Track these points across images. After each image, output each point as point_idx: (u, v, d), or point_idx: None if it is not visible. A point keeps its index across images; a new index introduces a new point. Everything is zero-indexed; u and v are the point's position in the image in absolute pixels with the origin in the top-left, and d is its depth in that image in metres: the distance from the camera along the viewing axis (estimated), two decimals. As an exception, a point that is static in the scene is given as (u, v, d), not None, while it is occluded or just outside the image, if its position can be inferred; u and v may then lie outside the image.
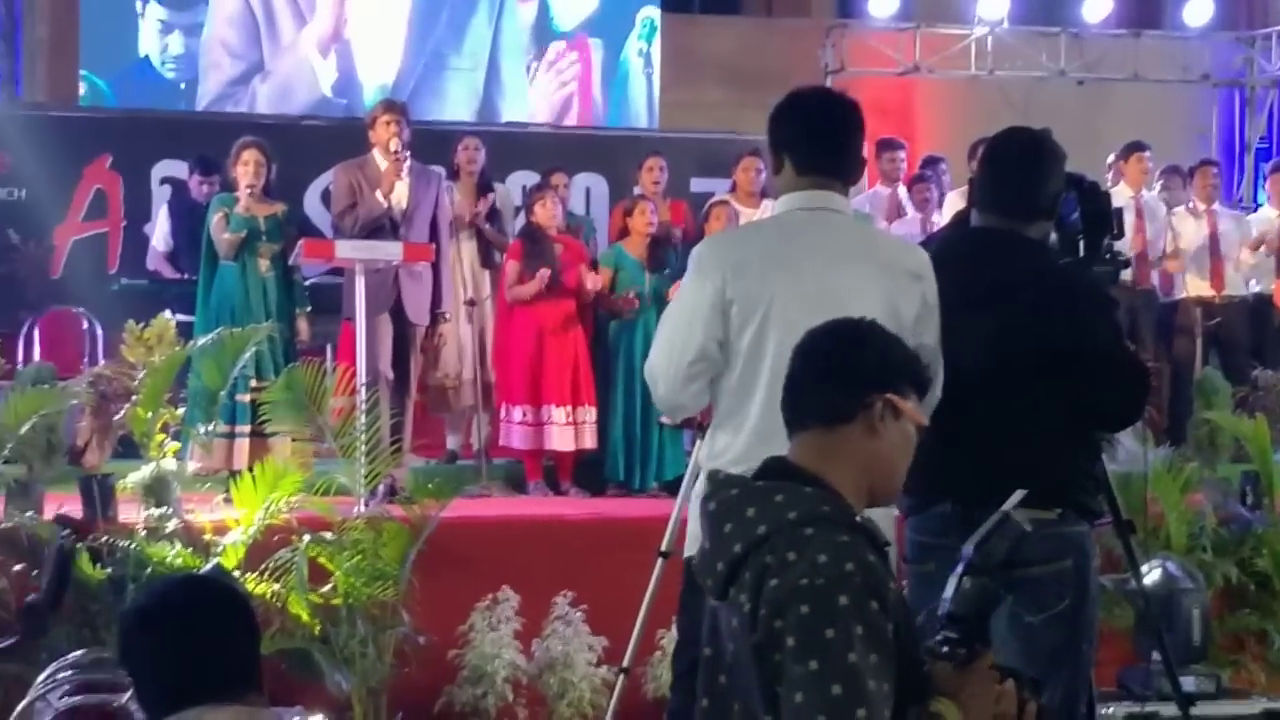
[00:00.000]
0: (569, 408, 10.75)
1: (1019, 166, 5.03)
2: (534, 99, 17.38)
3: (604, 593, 8.36)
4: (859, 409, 3.24)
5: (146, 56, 16.55)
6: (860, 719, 2.91)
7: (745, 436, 4.66)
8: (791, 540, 3.03)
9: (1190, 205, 13.37)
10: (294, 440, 9.75)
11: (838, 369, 3.28)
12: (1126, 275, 7.90)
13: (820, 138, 4.77)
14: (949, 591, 3.28)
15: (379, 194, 10.13)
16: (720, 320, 4.68)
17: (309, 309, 10.48)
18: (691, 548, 4.78)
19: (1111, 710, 8.09)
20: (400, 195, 10.24)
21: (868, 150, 8.00)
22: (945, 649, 3.19)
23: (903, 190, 13.38)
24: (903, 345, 3.40)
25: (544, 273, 10.77)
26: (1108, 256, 5.32)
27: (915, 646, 3.15)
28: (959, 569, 3.28)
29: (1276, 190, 13.59)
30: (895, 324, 4.60)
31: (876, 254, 4.73)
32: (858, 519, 3.13)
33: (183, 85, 16.62)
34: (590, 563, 8.71)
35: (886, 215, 13.11)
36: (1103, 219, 5.27)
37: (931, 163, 13.74)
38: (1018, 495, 3.38)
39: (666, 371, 4.77)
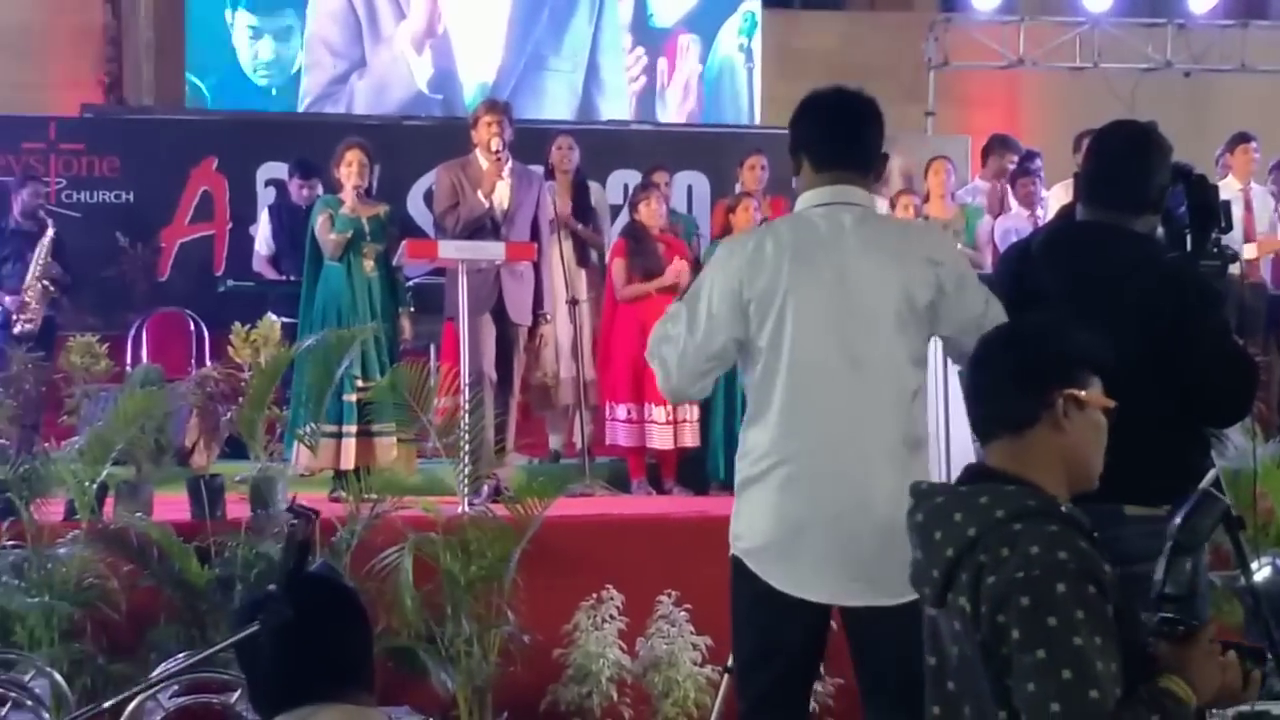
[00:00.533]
0: (670, 406, 10.73)
1: (1125, 160, 4.98)
2: (633, 96, 17.37)
3: (708, 592, 8.29)
4: (1041, 410, 3.26)
5: (239, 62, 16.66)
6: (1093, 700, 2.97)
7: (771, 431, 4.72)
8: (1002, 537, 3.09)
9: (1301, 197, 13.21)
10: (399, 440, 9.80)
11: (1012, 375, 3.31)
12: (1235, 269, 7.81)
13: (833, 133, 4.81)
14: (1159, 573, 3.37)
15: (480, 194, 10.15)
16: (740, 320, 4.73)
17: (412, 308, 10.53)
18: (736, 544, 4.80)
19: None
20: (502, 195, 10.26)
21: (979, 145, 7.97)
22: (1165, 628, 3.22)
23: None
24: (1072, 334, 3.40)
25: (680, 264, 10.79)
26: (1215, 250, 5.25)
27: (1136, 628, 3.18)
28: (1166, 549, 3.32)
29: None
30: (910, 310, 4.61)
31: (891, 242, 4.73)
32: (1063, 509, 3.15)
33: (274, 91, 16.71)
34: (694, 561, 8.66)
35: (990, 209, 13.01)
36: (1210, 212, 5.20)
37: (1028, 157, 13.63)
38: (1211, 475, 3.42)
39: (681, 365, 4.80)
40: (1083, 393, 3.30)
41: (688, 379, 4.82)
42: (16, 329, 11.86)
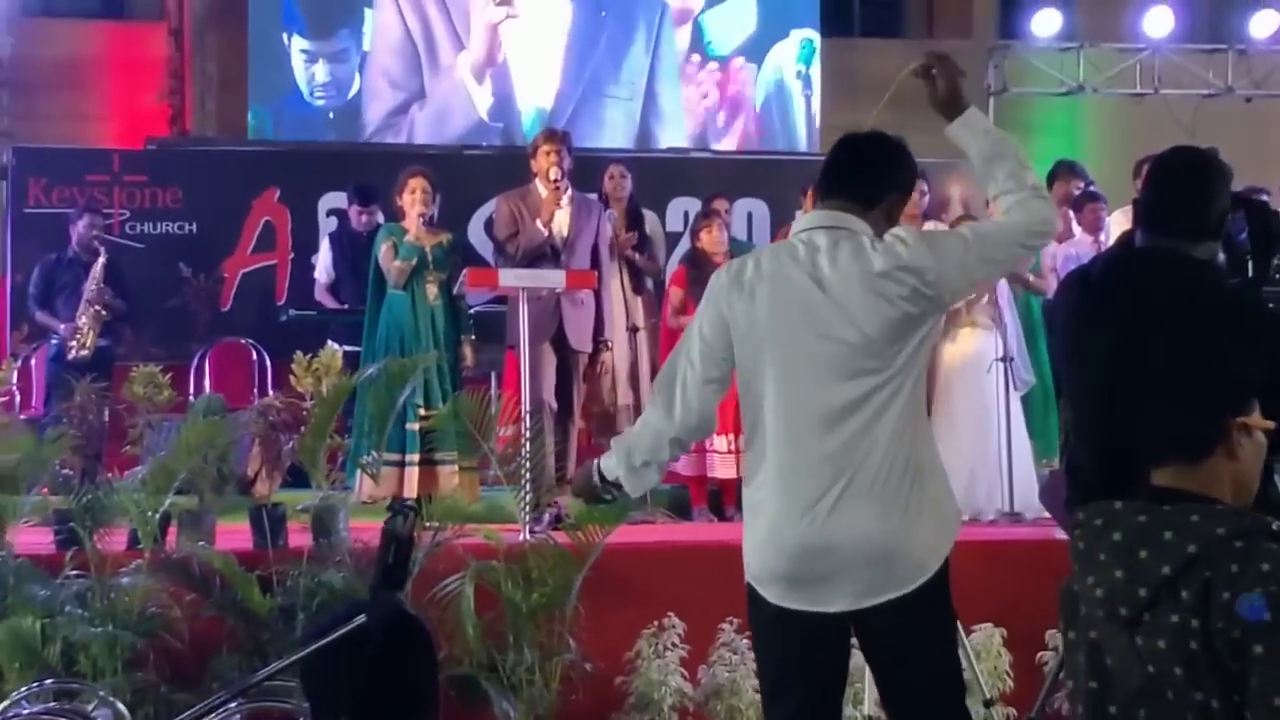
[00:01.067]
0: (730, 436, 10.71)
1: (1184, 186, 4.96)
2: (691, 123, 17.39)
3: (770, 619, 8.31)
4: (1218, 440, 3.26)
5: (298, 87, 16.76)
6: None
7: (762, 457, 4.76)
8: (1228, 554, 3.07)
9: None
10: (461, 468, 9.82)
11: (1191, 409, 3.30)
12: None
13: (831, 166, 4.89)
14: None
15: (539, 223, 10.18)
16: (729, 344, 4.79)
17: (474, 336, 10.56)
18: (747, 570, 4.79)
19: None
20: (561, 223, 10.28)
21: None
22: None
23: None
24: (1243, 357, 3.39)
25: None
26: (1277, 276, 5.23)
27: None
28: None
29: None
30: (891, 326, 4.60)
31: (869, 260, 4.69)
32: (1275, 527, 3.17)
33: (331, 114, 16.80)
34: (755, 589, 8.65)
35: (1057, 236, 12.87)
36: (1272, 238, 5.18)
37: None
38: None
39: (684, 398, 4.90)
40: (1251, 420, 3.31)
41: (692, 414, 4.91)
42: (71, 355, 11.93)
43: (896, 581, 4.60)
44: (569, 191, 10.32)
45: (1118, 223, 11.83)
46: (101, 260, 12.17)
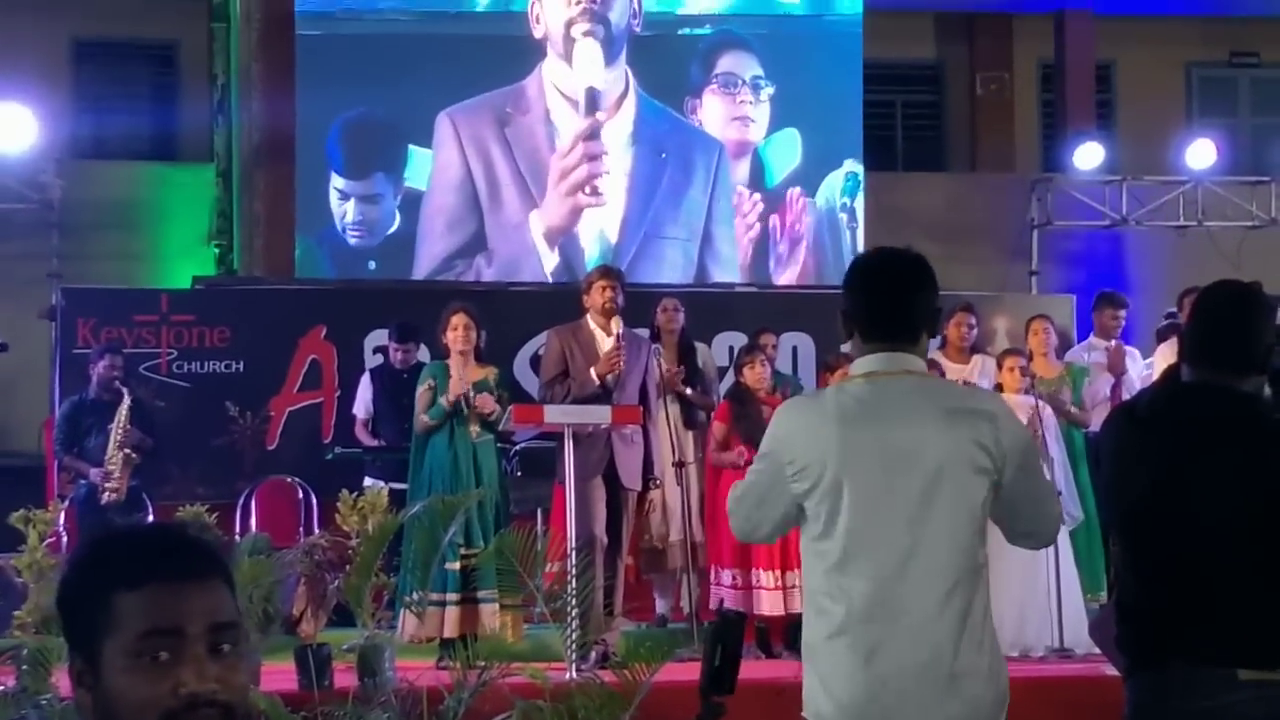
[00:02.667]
0: (777, 572, 10.66)
1: (1228, 320, 4.94)
2: (744, 259, 17.42)
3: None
4: None
5: (333, 224, 16.85)
6: None
7: (836, 601, 4.59)
8: None
9: None
10: (504, 606, 9.78)
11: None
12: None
13: (877, 303, 4.73)
14: None
15: (593, 372, 10.19)
16: (789, 485, 4.66)
17: (519, 473, 10.53)
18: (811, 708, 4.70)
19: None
20: (612, 357, 10.33)
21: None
22: None
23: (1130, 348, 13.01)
24: None
25: (742, 450, 10.70)
26: (1324, 409, 5.19)
27: None
28: None
29: None
30: (976, 463, 4.52)
31: (940, 401, 4.64)
32: None
33: (374, 255, 16.82)
34: (804, 727, 8.58)
35: (1111, 367, 12.76)
36: (1319, 370, 5.15)
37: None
38: None
39: (747, 532, 4.90)
40: None
41: (759, 537, 4.95)
42: (104, 499, 11.95)
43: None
44: (621, 328, 10.35)
45: (1165, 355, 11.80)
46: (127, 401, 12.16)
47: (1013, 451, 4.57)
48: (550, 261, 16.87)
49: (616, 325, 10.32)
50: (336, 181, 16.74)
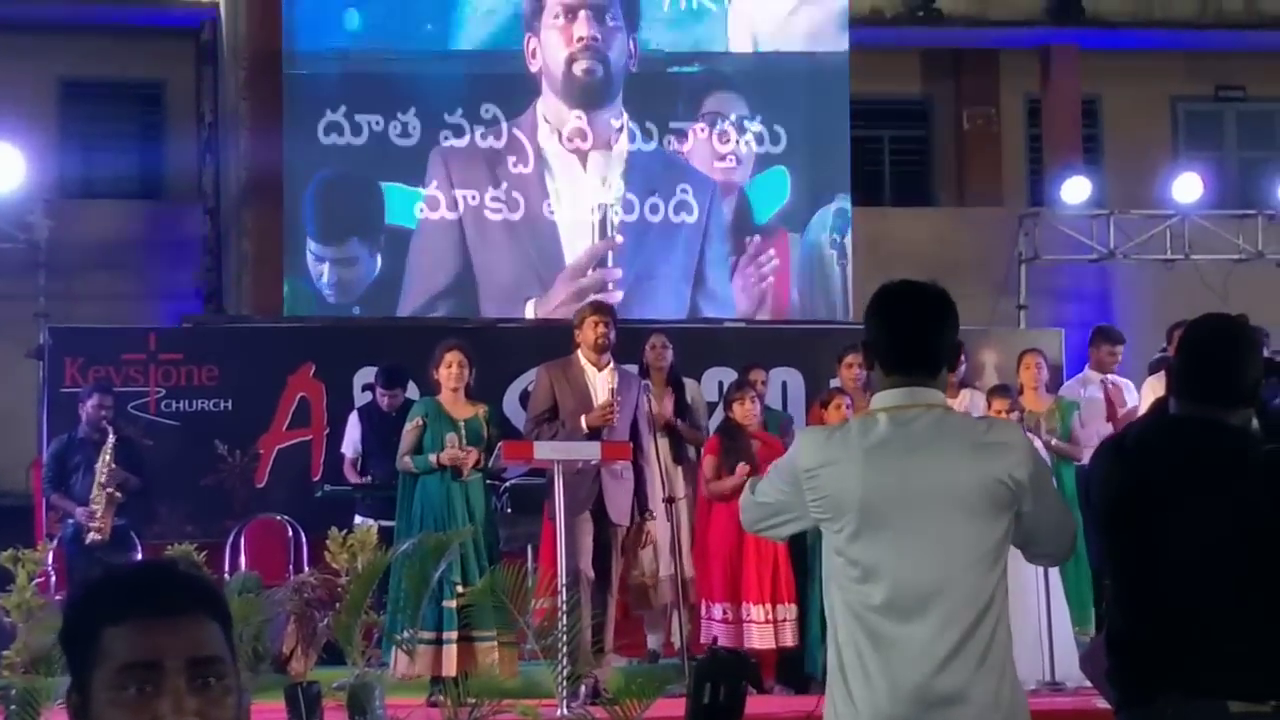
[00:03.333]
0: (768, 605, 10.67)
1: (1217, 354, 4.95)
2: (734, 294, 17.38)
3: (812, 793, 8.23)
4: None
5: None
6: None
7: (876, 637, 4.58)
8: None
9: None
10: (500, 643, 9.76)
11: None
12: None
13: (899, 335, 4.73)
14: None
15: (584, 421, 10.20)
16: (804, 505, 4.67)
17: (508, 510, 10.53)
18: None
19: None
20: (603, 394, 10.32)
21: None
22: None
23: (1120, 379, 13.01)
24: None
25: (743, 467, 10.73)
26: (1312, 440, 5.20)
27: None
28: None
29: None
30: (998, 498, 4.52)
31: (962, 437, 4.65)
32: None
33: (352, 307, 16.72)
34: (796, 762, 8.59)
35: (1107, 401, 12.76)
36: (1304, 403, 5.17)
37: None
38: None
39: (755, 531, 5.04)
40: None
41: (761, 530, 4.99)
42: (87, 539, 11.92)
43: None
44: (612, 365, 10.37)
45: (1153, 388, 11.82)
46: (111, 441, 12.12)
47: (1032, 481, 4.58)
48: (546, 308, 16.77)
49: (612, 379, 10.33)
50: (311, 245, 16.54)
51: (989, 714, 4.51)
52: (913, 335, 4.72)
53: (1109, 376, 12.99)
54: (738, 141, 17.36)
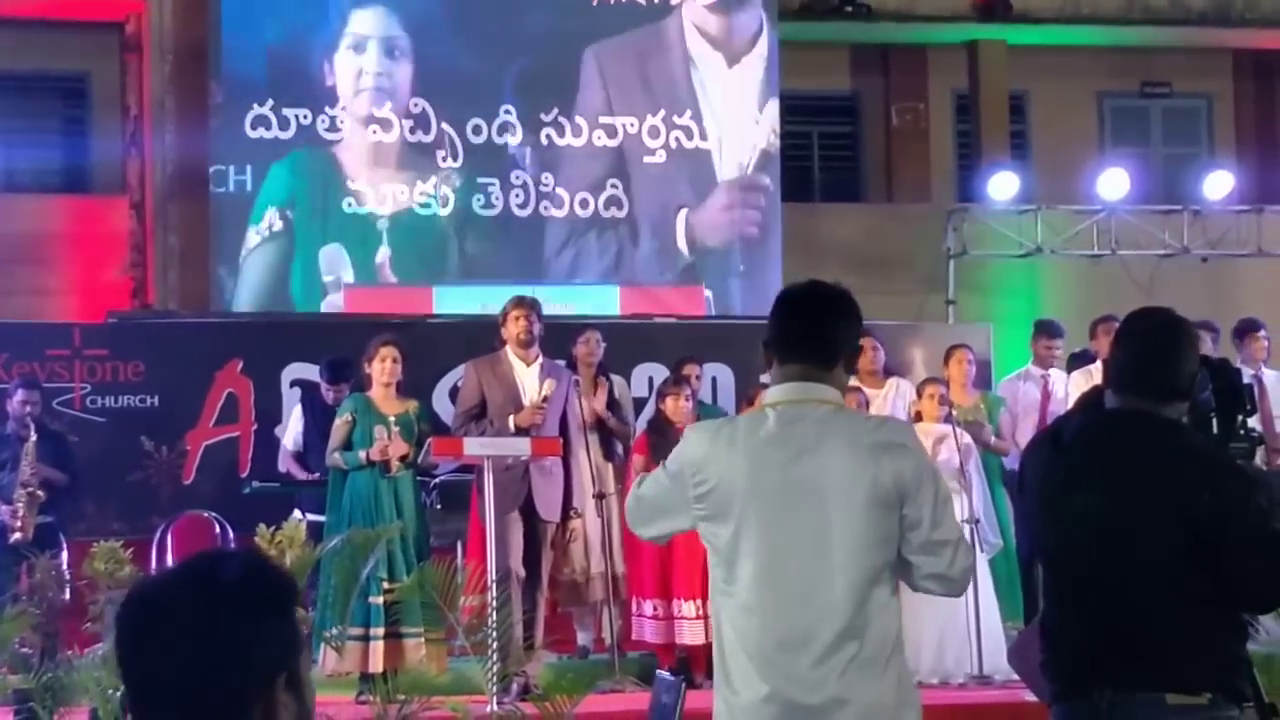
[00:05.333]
0: (698, 601, 10.65)
1: (1155, 348, 4.96)
2: (663, 292, 17.38)
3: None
4: None
5: (248, 256, 16.70)
6: None
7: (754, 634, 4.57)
8: None
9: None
10: (428, 640, 9.73)
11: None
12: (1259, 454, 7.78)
13: (793, 329, 4.72)
14: None
15: (513, 422, 10.17)
16: (689, 505, 4.64)
17: (438, 506, 10.50)
18: None
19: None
20: (532, 391, 10.29)
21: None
22: None
23: (1057, 374, 13.04)
24: None
25: None
26: (1242, 433, 5.22)
27: None
28: None
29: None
30: (880, 498, 4.50)
31: (848, 435, 4.63)
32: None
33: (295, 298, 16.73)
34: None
35: (1042, 396, 12.81)
36: (1235, 395, 5.18)
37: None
38: None
39: (640, 531, 4.93)
40: None
41: (645, 529, 4.90)
42: (11, 538, 11.76)
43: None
44: (540, 360, 10.34)
45: (1078, 384, 11.88)
46: (32, 439, 11.91)
47: (916, 482, 4.53)
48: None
49: (549, 389, 10.29)
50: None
51: (877, 716, 4.49)
52: (804, 329, 4.71)
53: (1049, 372, 13.04)
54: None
